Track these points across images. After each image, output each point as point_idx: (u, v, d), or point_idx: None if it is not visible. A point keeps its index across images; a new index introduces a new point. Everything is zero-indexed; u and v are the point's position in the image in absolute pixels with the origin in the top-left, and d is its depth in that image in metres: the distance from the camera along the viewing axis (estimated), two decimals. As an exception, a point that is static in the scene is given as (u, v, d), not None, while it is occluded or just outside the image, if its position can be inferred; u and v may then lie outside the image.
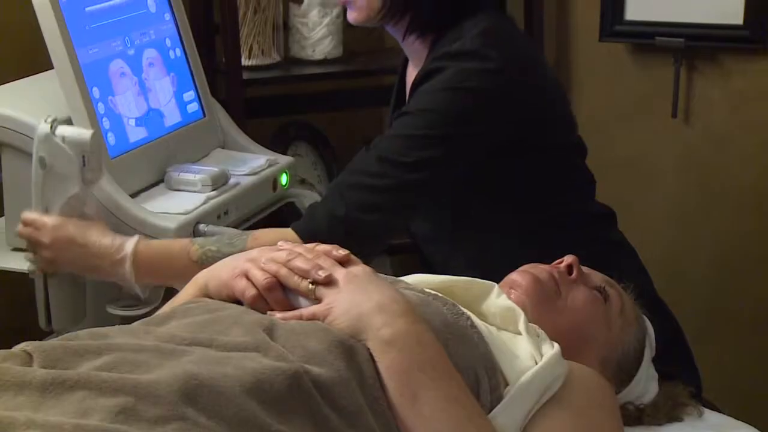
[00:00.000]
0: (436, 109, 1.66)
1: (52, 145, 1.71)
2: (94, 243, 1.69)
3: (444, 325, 1.29)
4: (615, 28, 2.65)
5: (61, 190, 1.73)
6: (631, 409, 1.56)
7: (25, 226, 1.74)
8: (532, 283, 1.49)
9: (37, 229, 1.72)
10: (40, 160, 1.72)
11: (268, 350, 1.15)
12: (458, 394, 1.21)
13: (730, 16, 2.52)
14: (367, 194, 1.65)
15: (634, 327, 1.56)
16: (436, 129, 1.65)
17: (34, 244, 1.73)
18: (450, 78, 1.65)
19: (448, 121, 1.65)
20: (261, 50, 2.58)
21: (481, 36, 1.68)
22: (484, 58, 1.66)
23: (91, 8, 1.86)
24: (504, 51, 1.68)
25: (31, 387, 1.04)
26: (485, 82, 1.65)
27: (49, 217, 1.72)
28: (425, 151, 1.65)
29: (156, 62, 2.01)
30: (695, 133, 2.67)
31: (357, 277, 1.27)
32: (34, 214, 1.73)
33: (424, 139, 1.65)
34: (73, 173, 1.71)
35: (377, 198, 1.65)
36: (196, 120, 2.09)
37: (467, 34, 1.68)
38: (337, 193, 1.67)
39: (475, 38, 1.67)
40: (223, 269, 1.34)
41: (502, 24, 1.75)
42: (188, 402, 1.03)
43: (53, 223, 1.71)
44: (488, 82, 1.65)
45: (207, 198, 1.89)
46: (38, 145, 1.72)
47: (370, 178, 1.66)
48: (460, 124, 1.66)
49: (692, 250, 2.72)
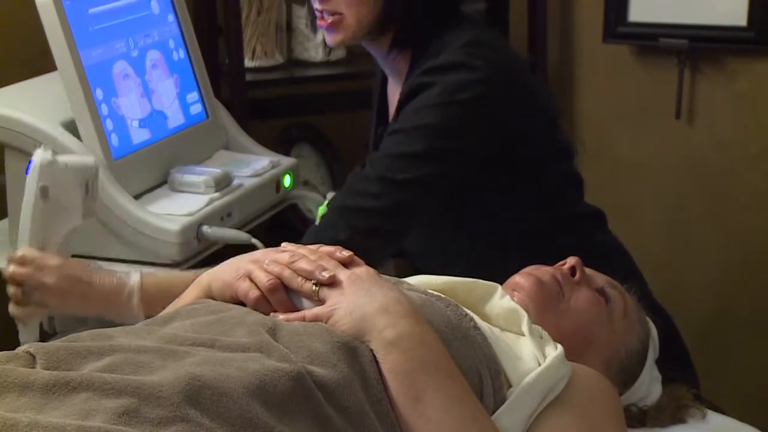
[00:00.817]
0: (429, 125, 1.65)
1: (56, 172, 1.56)
2: (99, 280, 1.55)
3: (447, 326, 1.28)
4: (618, 29, 2.65)
5: (61, 223, 1.59)
6: (635, 411, 1.56)
7: (20, 265, 1.54)
8: (535, 285, 1.49)
9: (40, 269, 1.54)
10: (42, 190, 1.56)
11: (271, 351, 1.15)
12: (462, 395, 1.21)
13: (734, 17, 2.52)
14: (368, 217, 1.65)
15: (637, 328, 1.56)
16: (431, 145, 1.65)
17: (32, 286, 1.55)
18: (439, 93, 1.65)
19: (442, 136, 1.65)
20: (264, 52, 2.59)
21: (464, 47, 1.67)
22: (471, 69, 1.65)
23: (94, 10, 1.87)
24: (489, 59, 1.67)
25: (34, 388, 1.04)
26: (474, 92, 1.65)
27: (50, 256, 1.56)
28: (422, 169, 1.64)
29: (159, 64, 2.01)
30: (699, 134, 2.67)
31: (360, 278, 1.27)
32: (32, 251, 1.55)
33: (419, 157, 1.64)
34: (77, 203, 1.59)
35: (378, 220, 1.65)
36: (200, 121, 2.09)
37: (450, 46, 1.68)
38: (338, 217, 1.66)
39: (459, 50, 1.67)
40: (227, 270, 1.34)
41: (483, 34, 1.74)
42: (191, 403, 1.03)
43: (56, 263, 1.54)
44: (477, 92, 1.65)
45: (210, 199, 1.89)
46: (40, 174, 1.55)
47: (369, 200, 1.65)
48: (453, 138, 1.66)
49: (695, 252, 2.72)
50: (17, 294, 1.55)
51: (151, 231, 1.79)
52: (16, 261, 1.55)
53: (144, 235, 1.79)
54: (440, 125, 1.65)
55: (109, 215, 1.79)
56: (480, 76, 1.65)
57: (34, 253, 1.55)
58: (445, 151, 1.66)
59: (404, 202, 1.66)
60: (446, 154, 1.66)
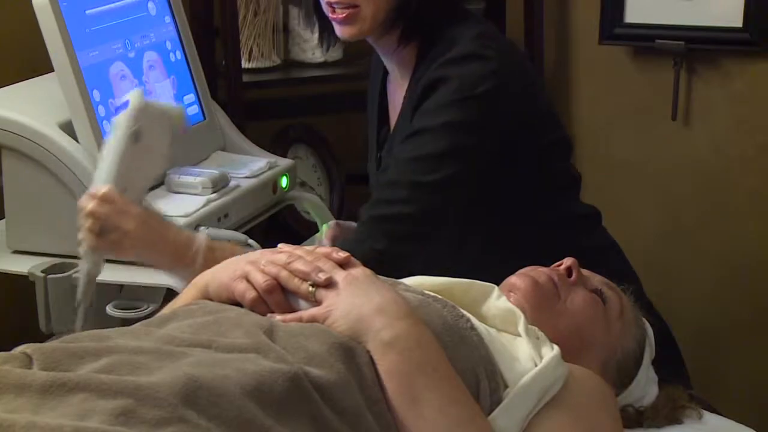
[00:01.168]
0: (451, 123, 1.64)
1: (149, 116, 1.52)
2: (172, 235, 1.56)
3: (444, 327, 1.29)
4: (615, 30, 2.65)
5: (147, 168, 1.58)
6: (631, 412, 1.56)
7: (102, 203, 1.52)
8: (531, 287, 1.49)
9: (121, 213, 1.52)
10: (135, 133, 1.51)
11: (269, 352, 1.15)
12: (458, 396, 1.21)
13: (730, 18, 2.52)
14: (401, 223, 1.64)
15: (633, 329, 1.56)
16: (456, 142, 1.64)
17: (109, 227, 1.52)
18: (458, 87, 1.65)
19: (465, 132, 1.65)
20: (261, 53, 2.59)
21: (477, 39, 1.68)
22: (486, 59, 1.66)
23: (91, 11, 1.87)
24: (500, 50, 1.69)
25: (31, 389, 1.04)
26: (489, 83, 1.65)
27: (131, 202, 1.54)
28: (449, 168, 1.64)
29: (156, 65, 2.01)
30: (695, 135, 2.67)
31: (357, 279, 1.27)
32: (116, 193, 1.52)
33: (446, 155, 1.64)
34: (164, 149, 1.57)
35: (411, 225, 1.64)
36: (197, 122, 2.09)
37: (461, 38, 1.69)
38: (372, 228, 1.65)
39: (472, 41, 1.68)
40: (224, 271, 1.34)
41: (490, 27, 1.77)
42: (188, 404, 1.03)
43: (137, 210, 1.53)
44: (492, 83, 1.65)
45: (207, 200, 1.89)
46: (135, 117, 1.51)
47: (400, 206, 1.64)
48: (475, 132, 1.66)
49: (692, 253, 2.72)
50: (94, 227, 1.52)
51: (148, 232, 1.78)
52: (98, 198, 1.51)
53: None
54: (461, 121, 1.65)
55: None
56: (494, 67, 1.66)
57: (117, 195, 1.52)
58: (469, 148, 1.65)
59: (435, 203, 1.65)
60: (471, 150, 1.66)
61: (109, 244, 1.53)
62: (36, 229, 1.85)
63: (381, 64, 1.87)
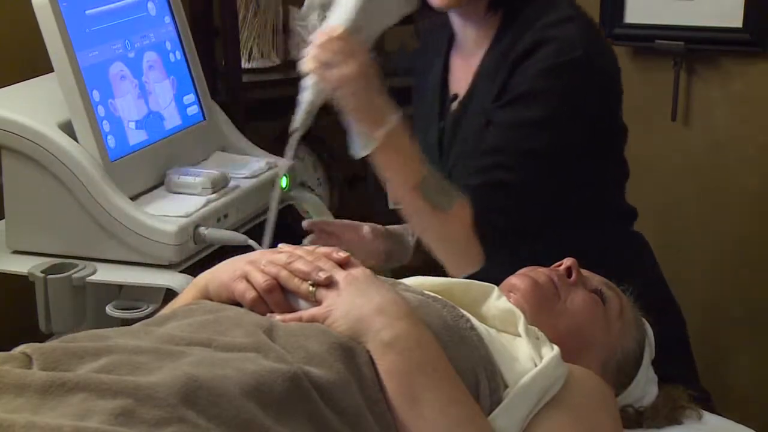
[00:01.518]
0: (551, 89, 1.65)
1: None
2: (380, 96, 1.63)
3: (443, 327, 1.29)
4: (614, 31, 2.65)
5: (382, 17, 1.65)
6: (631, 412, 1.56)
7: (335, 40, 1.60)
8: (530, 287, 1.49)
9: (349, 54, 1.59)
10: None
11: (268, 352, 1.15)
12: (458, 396, 1.21)
13: (730, 18, 2.52)
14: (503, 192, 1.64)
15: (633, 329, 1.56)
16: (556, 110, 1.65)
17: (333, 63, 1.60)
18: (556, 50, 1.65)
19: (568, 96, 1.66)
20: (261, 53, 2.59)
21: (571, 6, 1.73)
22: (582, 23, 1.70)
23: (91, 11, 1.87)
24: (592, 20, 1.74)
25: (30, 389, 1.04)
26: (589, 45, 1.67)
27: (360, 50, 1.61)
28: (549, 136, 1.64)
29: (156, 65, 2.01)
30: (695, 136, 2.67)
31: (357, 279, 1.27)
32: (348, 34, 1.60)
33: (547, 121, 1.65)
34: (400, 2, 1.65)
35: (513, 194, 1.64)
36: (196, 123, 2.09)
37: (552, 7, 1.71)
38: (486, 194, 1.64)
39: (568, 7, 1.72)
40: (223, 271, 1.34)
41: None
42: (188, 404, 1.03)
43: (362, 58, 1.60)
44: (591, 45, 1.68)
45: (207, 201, 1.89)
46: None
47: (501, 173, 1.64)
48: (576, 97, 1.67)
49: (691, 253, 2.72)
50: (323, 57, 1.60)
51: (148, 232, 1.78)
52: (332, 35, 1.60)
53: (140, 237, 1.79)
54: (562, 88, 1.66)
55: (106, 216, 1.79)
56: (592, 32, 1.71)
57: (350, 37, 1.60)
58: (568, 115, 1.66)
59: (536, 172, 1.65)
60: (569, 118, 1.66)
61: (332, 81, 1.60)
62: (36, 229, 1.85)
63: (438, 39, 1.87)
